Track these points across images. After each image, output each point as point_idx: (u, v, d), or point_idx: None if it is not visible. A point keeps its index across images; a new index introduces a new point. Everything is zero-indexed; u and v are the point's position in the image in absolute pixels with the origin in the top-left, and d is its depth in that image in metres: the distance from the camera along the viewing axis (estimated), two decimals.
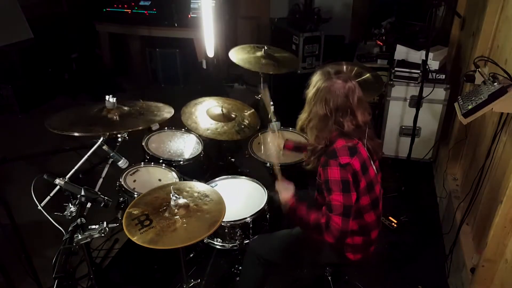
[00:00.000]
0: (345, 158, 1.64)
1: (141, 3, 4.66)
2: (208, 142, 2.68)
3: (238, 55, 2.88)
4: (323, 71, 1.73)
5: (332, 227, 1.64)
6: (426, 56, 2.86)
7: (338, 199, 1.63)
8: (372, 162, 1.77)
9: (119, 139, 2.07)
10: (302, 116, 1.80)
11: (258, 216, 2.14)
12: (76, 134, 1.79)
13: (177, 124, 2.70)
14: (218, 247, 2.18)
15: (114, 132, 1.90)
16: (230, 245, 2.17)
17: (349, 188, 1.64)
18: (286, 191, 1.86)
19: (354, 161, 1.65)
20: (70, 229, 1.56)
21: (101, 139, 1.85)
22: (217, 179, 2.39)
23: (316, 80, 1.73)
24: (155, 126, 2.41)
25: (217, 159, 3.03)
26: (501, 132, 2.02)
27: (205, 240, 2.19)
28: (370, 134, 1.76)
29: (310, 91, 1.73)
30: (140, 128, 1.94)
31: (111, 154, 1.90)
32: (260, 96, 2.97)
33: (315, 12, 4.89)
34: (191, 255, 2.46)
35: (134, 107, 2.11)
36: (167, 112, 2.12)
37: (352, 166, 1.64)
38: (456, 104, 1.97)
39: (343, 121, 1.69)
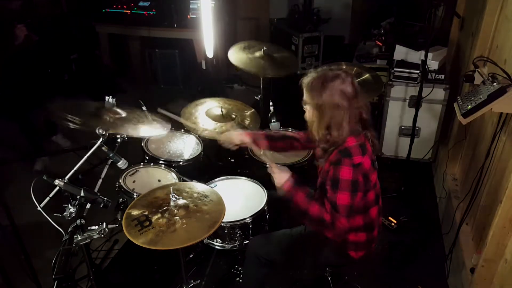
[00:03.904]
0: (358, 157, 1.65)
1: (140, 3, 4.65)
2: (207, 143, 2.68)
3: (237, 55, 2.86)
4: (318, 73, 1.69)
5: (338, 227, 1.66)
6: (426, 56, 2.86)
7: (345, 199, 1.64)
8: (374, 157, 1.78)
9: (119, 140, 2.07)
10: (319, 126, 1.71)
11: (258, 216, 2.14)
12: (73, 121, 1.79)
13: (177, 125, 2.70)
14: (217, 247, 2.18)
15: (110, 132, 1.90)
16: (230, 246, 2.16)
17: (357, 189, 1.65)
18: (280, 174, 1.82)
19: (365, 160, 1.67)
20: (69, 230, 1.56)
21: (100, 140, 1.85)
22: (216, 179, 2.39)
23: (317, 82, 1.67)
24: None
25: (217, 159, 3.04)
26: (501, 132, 2.02)
27: (204, 241, 2.19)
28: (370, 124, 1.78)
29: (320, 95, 1.66)
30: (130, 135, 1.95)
31: (111, 155, 1.89)
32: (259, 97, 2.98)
33: (314, 12, 4.89)
34: (190, 256, 2.46)
35: (133, 114, 2.12)
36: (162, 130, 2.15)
37: (363, 165, 1.66)
38: (455, 104, 1.97)
39: (361, 106, 1.70)
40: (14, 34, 3.18)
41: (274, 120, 2.59)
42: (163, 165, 2.44)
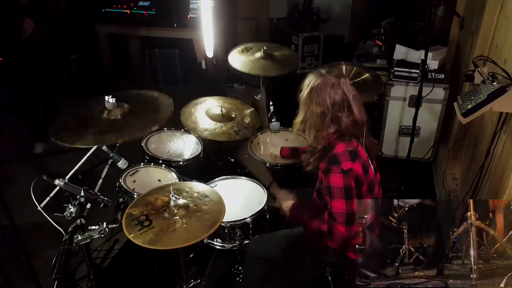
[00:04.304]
0: (347, 163, 1.64)
1: (140, 3, 4.65)
2: (207, 143, 2.68)
3: (237, 59, 2.85)
4: (314, 72, 1.74)
5: (336, 236, 1.67)
6: (426, 55, 2.85)
7: (340, 207, 1.63)
8: (370, 162, 1.77)
9: (119, 140, 2.06)
10: (298, 119, 1.80)
11: (258, 216, 2.14)
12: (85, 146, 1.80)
13: (176, 124, 2.70)
14: (218, 247, 2.18)
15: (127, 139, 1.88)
16: (230, 246, 2.17)
17: (352, 194, 1.64)
18: (286, 202, 1.92)
19: (356, 166, 1.66)
20: (69, 229, 1.56)
21: None
22: (216, 179, 2.39)
23: (308, 82, 1.73)
24: (154, 127, 2.41)
25: (217, 159, 3.03)
26: (501, 131, 2.02)
27: (205, 241, 2.19)
28: (367, 132, 1.76)
29: (304, 92, 1.73)
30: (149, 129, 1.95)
31: (111, 155, 1.90)
32: (258, 97, 2.97)
33: (314, 12, 4.89)
34: (191, 256, 2.46)
35: (133, 102, 2.12)
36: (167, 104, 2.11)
37: (354, 171, 1.65)
38: (455, 104, 1.97)
39: (340, 116, 1.67)
40: (22, 27, 3.28)
41: (274, 120, 2.59)
42: (163, 165, 2.44)
